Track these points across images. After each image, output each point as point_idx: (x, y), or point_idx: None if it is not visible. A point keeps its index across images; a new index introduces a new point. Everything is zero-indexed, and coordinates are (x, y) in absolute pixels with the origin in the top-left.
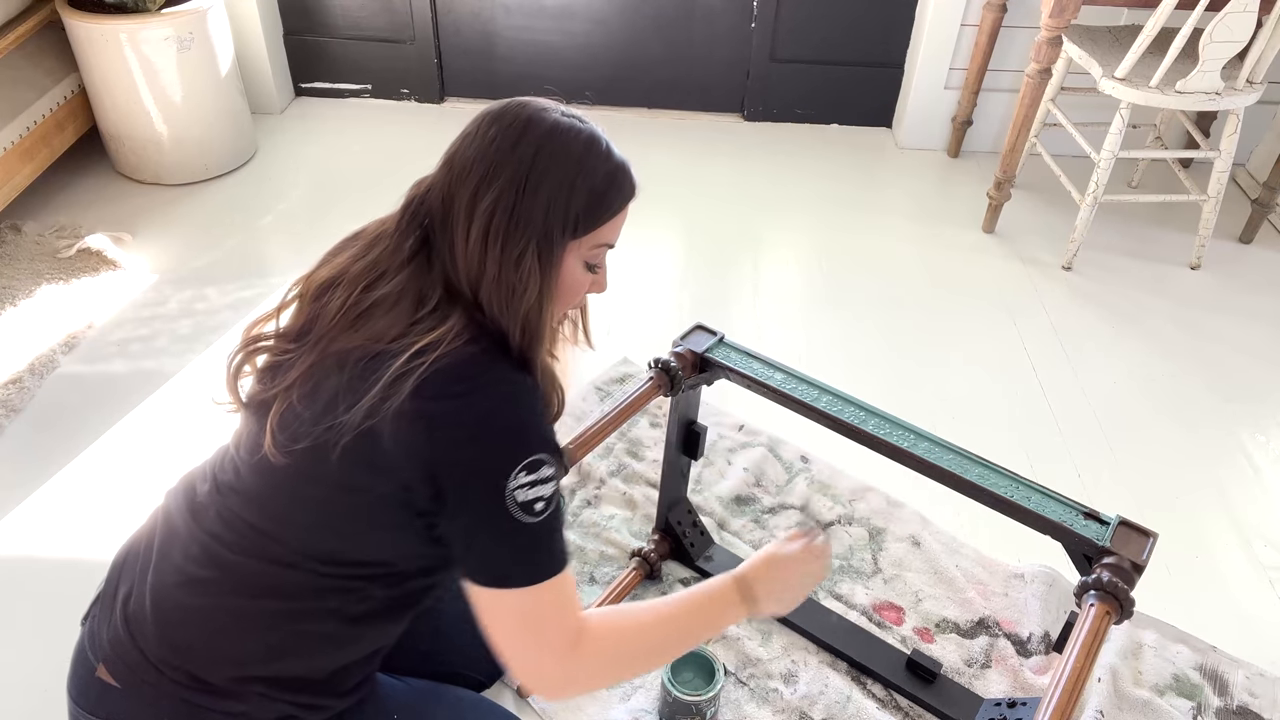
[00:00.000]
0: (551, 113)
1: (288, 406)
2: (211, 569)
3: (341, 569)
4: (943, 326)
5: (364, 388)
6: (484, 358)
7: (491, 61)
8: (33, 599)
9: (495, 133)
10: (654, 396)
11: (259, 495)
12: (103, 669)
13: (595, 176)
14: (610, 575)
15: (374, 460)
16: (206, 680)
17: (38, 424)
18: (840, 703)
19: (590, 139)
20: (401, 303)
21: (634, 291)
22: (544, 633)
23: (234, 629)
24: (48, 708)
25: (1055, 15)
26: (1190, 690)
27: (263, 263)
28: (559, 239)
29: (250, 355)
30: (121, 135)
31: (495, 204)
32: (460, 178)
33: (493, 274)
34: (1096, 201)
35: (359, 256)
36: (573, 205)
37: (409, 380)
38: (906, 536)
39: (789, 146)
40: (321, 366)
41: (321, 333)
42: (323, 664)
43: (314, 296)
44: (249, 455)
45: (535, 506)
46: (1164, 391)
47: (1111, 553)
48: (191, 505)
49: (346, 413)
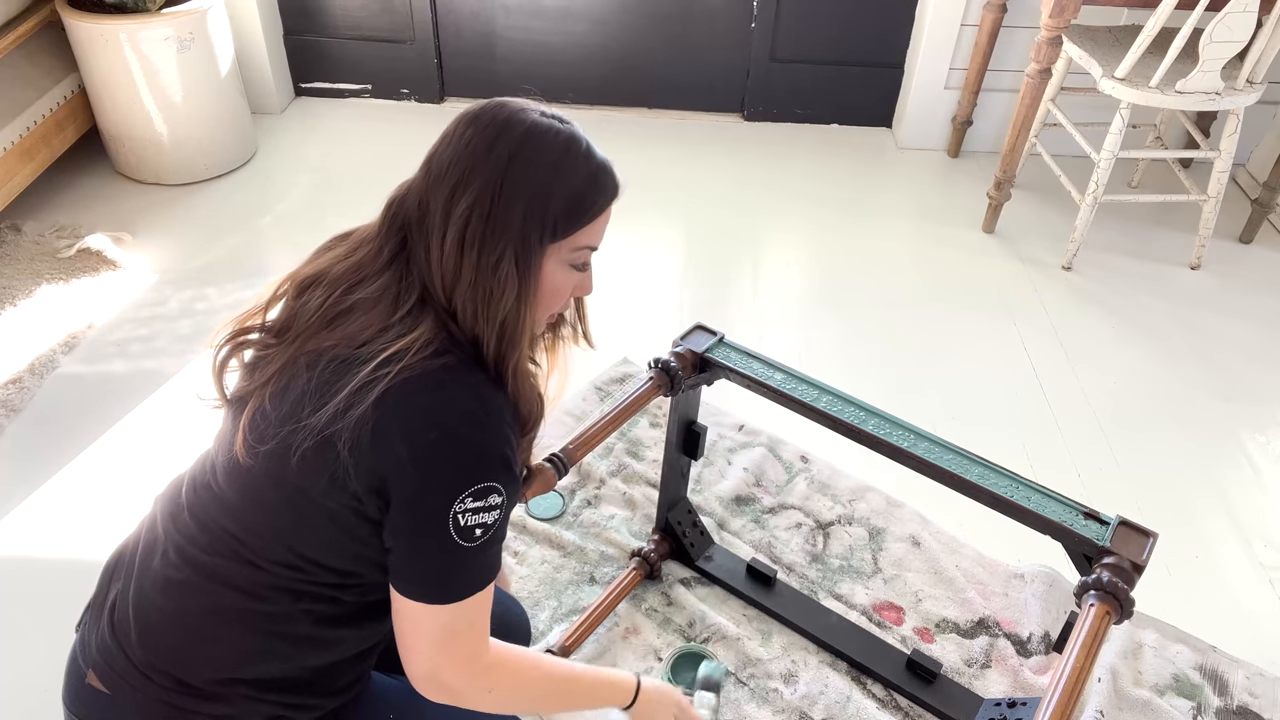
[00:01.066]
0: (530, 113)
1: (259, 406)
2: (187, 571)
3: (307, 575)
4: (943, 326)
5: (329, 392)
6: (452, 372)
7: (491, 61)
8: (32, 599)
9: (471, 134)
10: (654, 396)
11: (230, 498)
12: (92, 675)
13: (574, 178)
14: (610, 575)
15: (331, 468)
16: (190, 684)
17: (38, 424)
18: (840, 703)
19: (569, 139)
20: (378, 306)
21: (634, 291)
22: (454, 648)
23: (213, 631)
24: (47, 708)
25: (1055, 15)
26: (1190, 690)
27: (263, 263)
28: (537, 244)
29: (236, 349)
30: (121, 135)
31: (471, 209)
32: (437, 181)
33: (468, 279)
34: (1096, 201)
35: (343, 257)
36: (551, 209)
37: (374, 389)
38: (906, 536)
39: (789, 146)
40: (294, 365)
41: (299, 330)
42: (305, 665)
43: (296, 293)
44: (224, 457)
45: (475, 532)
46: (1164, 391)
47: (1111, 553)
48: (173, 509)
49: (310, 416)
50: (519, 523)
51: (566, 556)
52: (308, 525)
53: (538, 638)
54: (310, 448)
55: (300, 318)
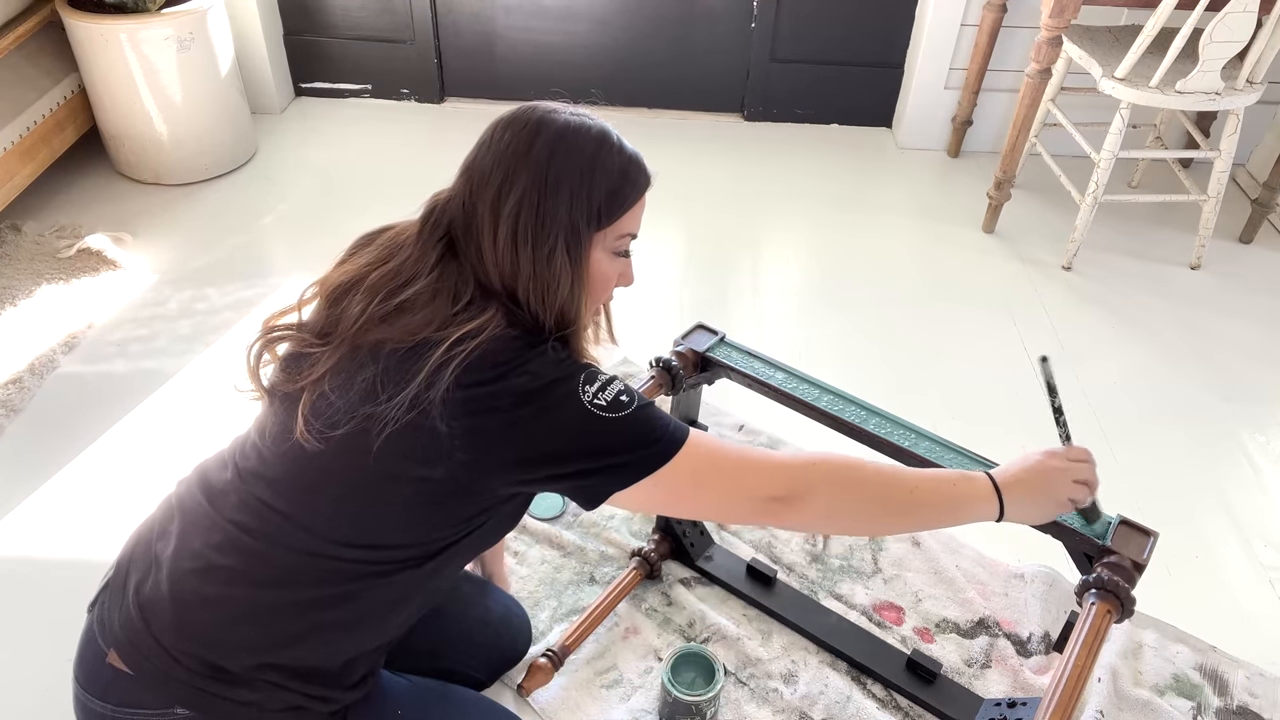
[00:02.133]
0: (561, 114)
1: (319, 395)
2: (232, 556)
3: (363, 552)
4: (943, 326)
5: (405, 376)
6: (523, 341)
7: (491, 62)
8: (33, 599)
9: (510, 138)
10: (655, 395)
11: (285, 480)
12: (114, 655)
13: (611, 168)
14: (610, 575)
15: (425, 449)
16: (223, 667)
17: (38, 424)
18: (840, 703)
19: (601, 134)
20: (436, 300)
21: (634, 291)
22: (722, 467)
23: (252, 616)
24: (49, 707)
25: (1055, 15)
26: (1190, 690)
27: (263, 263)
28: (585, 232)
29: (269, 344)
30: (121, 135)
31: (520, 205)
32: (481, 185)
33: (527, 273)
34: (1096, 201)
35: (378, 263)
36: (594, 198)
37: (450, 368)
38: (906, 536)
39: (789, 146)
40: (353, 359)
41: (347, 330)
42: (335, 653)
43: (331, 300)
44: (276, 443)
45: (621, 399)
46: (1164, 391)
47: (1112, 552)
48: (209, 493)
49: (389, 400)
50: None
51: (566, 556)
52: (379, 501)
53: (538, 638)
54: (396, 431)
55: (344, 322)
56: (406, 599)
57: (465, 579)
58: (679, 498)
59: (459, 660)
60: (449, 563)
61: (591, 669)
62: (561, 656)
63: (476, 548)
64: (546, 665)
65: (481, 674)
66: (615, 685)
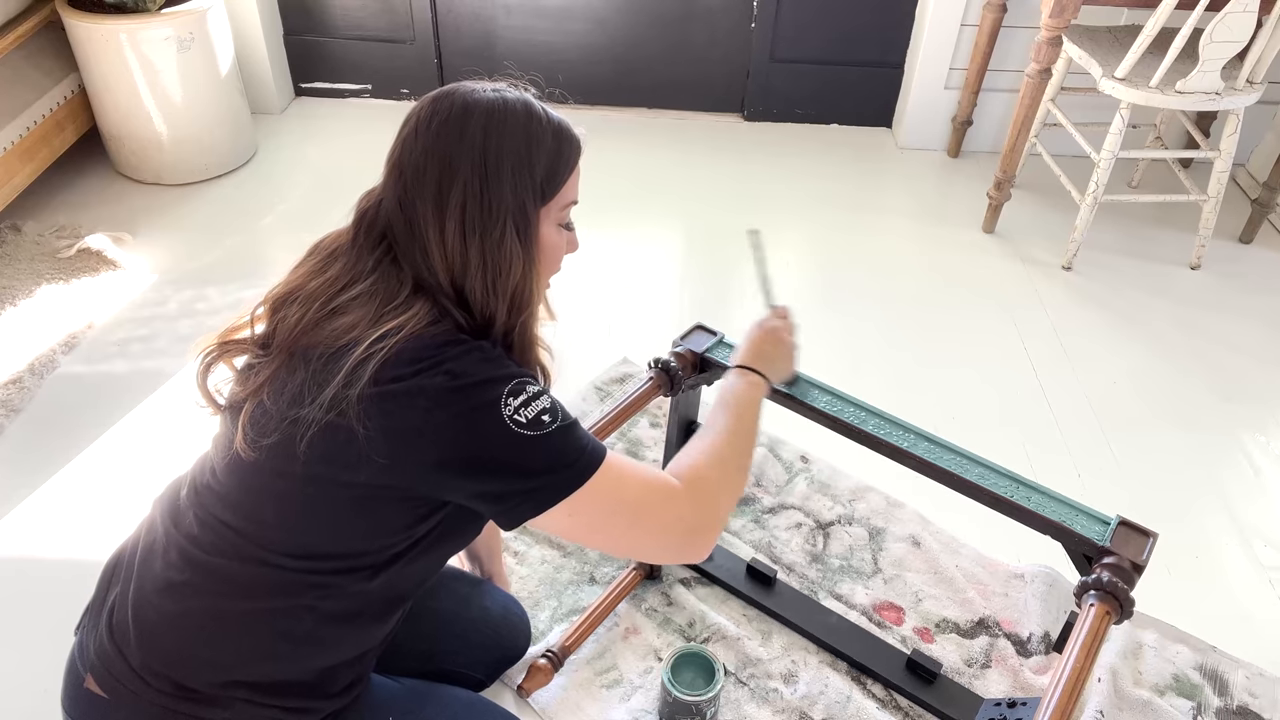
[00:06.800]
0: (480, 91)
1: (258, 404)
2: (188, 572)
3: (313, 563)
4: (943, 326)
5: (327, 378)
6: (447, 337)
7: (491, 62)
8: (32, 599)
9: (438, 126)
10: (654, 396)
11: (232, 493)
12: (90, 680)
13: (545, 141)
14: (610, 575)
15: (345, 451)
16: (190, 687)
17: (38, 424)
18: (840, 703)
19: (526, 107)
20: (371, 303)
21: (634, 291)
22: (633, 502)
23: (213, 633)
24: (47, 708)
25: (1055, 15)
26: (1190, 690)
27: (263, 263)
28: (532, 209)
29: (217, 358)
30: (121, 135)
31: (464, 195)
32: (416, 181)
33: (477, 263)
34: (1096, 201)
35: (316, 272)
36: (535, 174)
37: (369, 365)
38: (906, 536)
39: (789, 146)
40: (289, 364)
41: (283, 341)
42: (306, 666)
43: (273, 310)
44: (223, 455)
45: (543, 419)
46: (1164, 391)
47: (1111, 552)
48: (173, 512)
49: (311, 402)
50: None
51: (566, 556)
52: (317, 509)
53: (538, 638)
54: (317, 432)
55: (280, 332)
56: (365, 612)
57: (463, 579)
58: (592, 527)
59: (457, 660)
60: (405, 576)
61: (591, 669)
62: (561, 657)
63: (434, 558)
64: (546, 666)
65: (480, 674)
66: (615, 685)
